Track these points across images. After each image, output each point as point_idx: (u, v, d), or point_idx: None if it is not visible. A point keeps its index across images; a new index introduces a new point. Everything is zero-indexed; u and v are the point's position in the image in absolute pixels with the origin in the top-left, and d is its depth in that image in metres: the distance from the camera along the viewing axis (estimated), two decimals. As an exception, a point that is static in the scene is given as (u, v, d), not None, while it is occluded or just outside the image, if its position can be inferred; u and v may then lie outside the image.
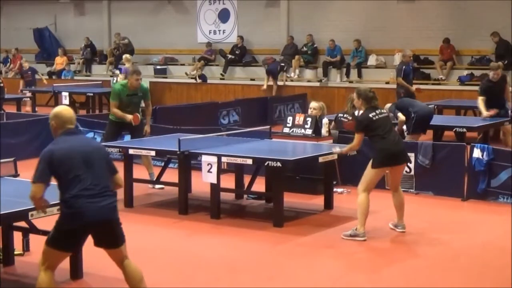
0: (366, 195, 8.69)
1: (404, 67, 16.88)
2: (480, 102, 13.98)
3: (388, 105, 12.76)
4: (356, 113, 12.69)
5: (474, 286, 7.20)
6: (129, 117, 11.28)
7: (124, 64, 19.94)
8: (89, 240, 7.60)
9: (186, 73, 25.01)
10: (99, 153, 6.15)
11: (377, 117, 8.78)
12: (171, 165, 11.21)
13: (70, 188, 5.87)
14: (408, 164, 11.02)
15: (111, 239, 6.09)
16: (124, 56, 20.51)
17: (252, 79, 24.02)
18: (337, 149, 9.46)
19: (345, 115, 12.39)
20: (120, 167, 10.65)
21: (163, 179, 10.73)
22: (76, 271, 7.24)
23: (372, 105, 8.86)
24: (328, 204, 10.25)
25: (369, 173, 8.76)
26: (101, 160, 6.08)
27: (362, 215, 8.69)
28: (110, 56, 27.02)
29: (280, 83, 22.40)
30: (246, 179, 10.48)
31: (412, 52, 21.46)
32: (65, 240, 6.01)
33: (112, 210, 6.00)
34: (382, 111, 8.95)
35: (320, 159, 9.71)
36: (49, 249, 6.04)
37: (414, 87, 16.43)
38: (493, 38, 20.46)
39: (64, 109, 6.27)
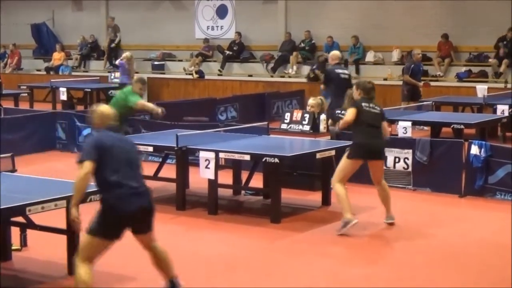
0: (341, 185, 8.85)
1: (412, 65, 16.91)
2: None
3: None
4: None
5: (472, 282, 7.21)
6: (160, 109, 11.61)
7: (123, 60, 19.83)
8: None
9: (184, 69, 25.00)
10: (135, 150, 6.52)
11: (368, 108, 8.86)
12: (168, 161, 11.20)
13: (111, 176, 6.08)
14: (406, 160, 11.06)
15: (146, 225, 6.37)
16: (124, 55, 20.43)
17: (250, 75, 24.00)
18: (335, 129, 9.60)
19: (342, 112, 12.38)
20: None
21: (160, 174, 10.73)
22: (73, 267, 7.21)
23: (369, 97, 8.93)
24: (326, 200, 10.25)
25: (343, 164, 8.88)
26: (137, 156, 6.46)
27: (344, 203, 8.80)
28: (108, 51, 27.00)
29: None
30: (244, 175, 10.48)
31: (410, 49, 21.62)
32: (110, 229, 6.14)
33: (150, 199, 6.31)
34: (375, 106, 8.98)
35: (318, 155, 9.73)
36: (93, 239, 6.12)
37: (421, 82, 16.44)
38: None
39: (106, 109, 6.57)
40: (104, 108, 6.58)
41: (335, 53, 14.68)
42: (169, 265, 6.53)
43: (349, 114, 8.90)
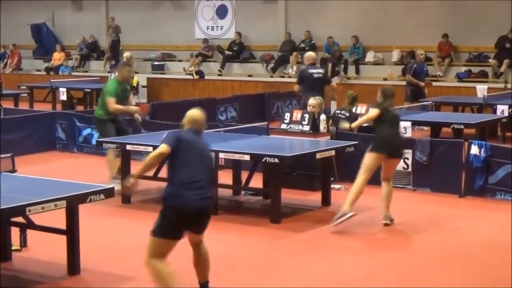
0: (364, 180, 8.99)
1: (415, 65, 16.94)
2: None
3: None
4: (353, 109, 12.74)
5: (472, 282, 7.21)
6: (135, 108, 11.43)
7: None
8: (85, 236, 7.62)
9: (184, 69, 25.01)
10: (209, 155, 6.63)
11: (392, 110, 9.28)
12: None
13: (180, 174, 6.20)
14: (406, 160, 11.06)
15: (202, 226, 6.48)
16: (125, 55, 20.47)
17: (250, 75, 24.02)
18: (345, 125, 9.77)
19: (342, 112, 12.40)
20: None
21: (160, 175, 10.71)
22: (73, 267, 7.23)
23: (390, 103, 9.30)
24: (326, 201, 10.25)
25: (367, 158, 9.11)
26: (210, 161, 6.60)
27: (352, 194, 9.00)
28: (108, 52, 27.01)
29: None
30: (244, 175, 10.48)
31: (410, 49, 21.64)
32: (172, 228, 6.20)
33: (209, 201, 6.39)
34: (394, 109, 9.38)
35: (318, 156, 9.72)
36: (158, 240, 6.19)
37: (422, 83, 16.50)
38: None
39: (197, 113, 6.63)
40: (196, 113, 6.62)
41: (310, 54, 15.19)
42: (207, 267, 6.61)
43: (371, 114, 9.22)
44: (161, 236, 6.18)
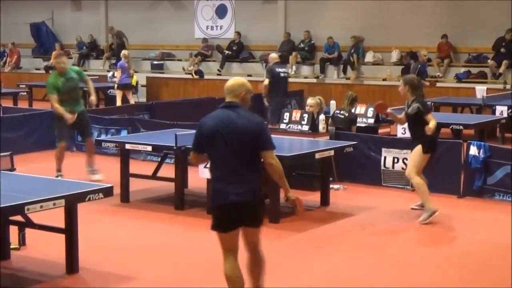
0: (420, 178, 9.26)
1: (419, 66, 17.01)
2: None
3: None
4: (353, 110, 12.74)
5: (471, 282, 7.21)
6: (69, 116, 11.30)
7: (123, 59, 19.88)
8: (84, 235, 7.62)
9: (183, 68, 25.02)
10: (245, 131, 5.91)
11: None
12: (167, 160, 11.20)
13: (214, 168, 5.99)
14: (404, 161, 11.06)
15: (251, 219, 6.07)
16: (122, 52, 20.51)
17: (249, 75, 23.98)
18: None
19: (341, 112, 12.41)
20: (116, 162, 10.77)
21: (159, 174, 10.73)
22: (71, 266, 7.23)
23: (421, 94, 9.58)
24: (325, 201, 10.25)
25: (418, 158, 9.26)
26: (248, 138, 5.91)
27: (424, 194, 9.26)
28: (107, 51, 27.02)
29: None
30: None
31: (409, 50, 21.66)
32: (217, 222, 6.07)
33: (248, 193, 5.94)
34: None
35: (317, 156, 9.72)
36: (217, 234, 6.11)
37: (426, 82, 16.54)
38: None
39: (231, 81, 6.20)
40: (229, 81, 6.19)
41: (273, 55, 16.58)
42: (262, 275, 6.23)
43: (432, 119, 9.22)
44: (214, 230, 6.09)
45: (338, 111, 12.48)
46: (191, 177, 10.63)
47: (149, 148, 10.62)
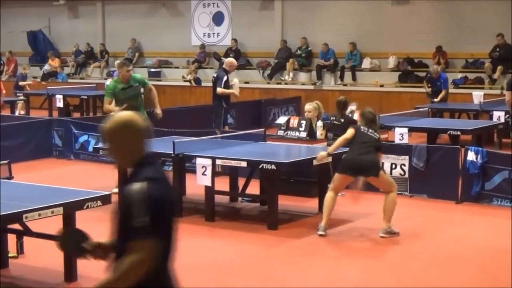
0: (332, 194, 9.09)
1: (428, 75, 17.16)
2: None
3: None
4: (347, 113, 12.74)
5: (469, 287, 7.22)
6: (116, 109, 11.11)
7: (116, 70, 19.94)
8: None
9: (183, 77, 25.07)
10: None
11: (365, 131, 9.07)
12: (165, 167, 11.20)
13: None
14: (402, 167, 11.08)
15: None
16: (116, 63, 20.58)
17: (246, 82, 24.00)
18: (321, 153, 9.43)
19: (337, 118, 12.42)
20: (114, 170, 10.75)
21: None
22: (70, 274, 7.22)
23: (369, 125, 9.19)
24: (322, 207, 10.22)
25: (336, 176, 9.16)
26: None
27: (326, 210, 9.04)
28: (100, 56, 27.21)
29: None
30: (241, 181, 10.48)
31: (406, 56, 21.72)
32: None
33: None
34: (373, 132, 9.16)
35: (315, 162, 9.71)
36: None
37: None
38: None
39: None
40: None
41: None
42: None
43: (347, 134, 9.16)
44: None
45: (333, 118, 12.48)
46: (189, 185, 10.62)
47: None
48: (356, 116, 12.34)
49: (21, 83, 22.69)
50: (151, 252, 3.71)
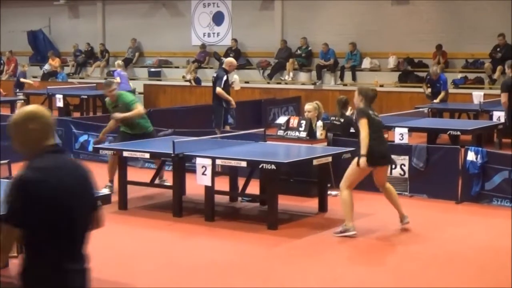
0: (349, 192, 8.87)
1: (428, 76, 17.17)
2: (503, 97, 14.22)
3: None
4: (347, 112, 12.75)
5: (469, 287, 7.23)
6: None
7: (117, 69, 20.00)
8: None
9: (183, 77, 25.08)
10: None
11: (374, 116, 8.94)
12: (165, 167, 11.20)
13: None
14: (402, 167, 11.08)
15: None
16: (116, 63, 20.61)
17: (246, 82, 24.01)
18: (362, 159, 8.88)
19: (336, 118, 12.42)
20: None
21: (157, 181, 10.73)
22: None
23: (370, 104, 9.08)
24: (322, 207, 10.25)
25: (352, 171, 8.88)
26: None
27: (348, 210, 8.86)
28: (100, 56, 27.22)
29: None
30: (241, 181, 10.48)
31: (406, 56, 21.72)
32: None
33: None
34: (376, 114, 9.06)
35: (315, 162, 9.72)
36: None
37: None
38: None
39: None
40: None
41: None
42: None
43: (364, 130, 8.88)
44: None
45: (333, 118, 12.48)
46: (189, 184, 10.63)
47: (147, 156, 10.62)
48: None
49: (22, 79, 22.72)
50: (4, 237, 3.72)
